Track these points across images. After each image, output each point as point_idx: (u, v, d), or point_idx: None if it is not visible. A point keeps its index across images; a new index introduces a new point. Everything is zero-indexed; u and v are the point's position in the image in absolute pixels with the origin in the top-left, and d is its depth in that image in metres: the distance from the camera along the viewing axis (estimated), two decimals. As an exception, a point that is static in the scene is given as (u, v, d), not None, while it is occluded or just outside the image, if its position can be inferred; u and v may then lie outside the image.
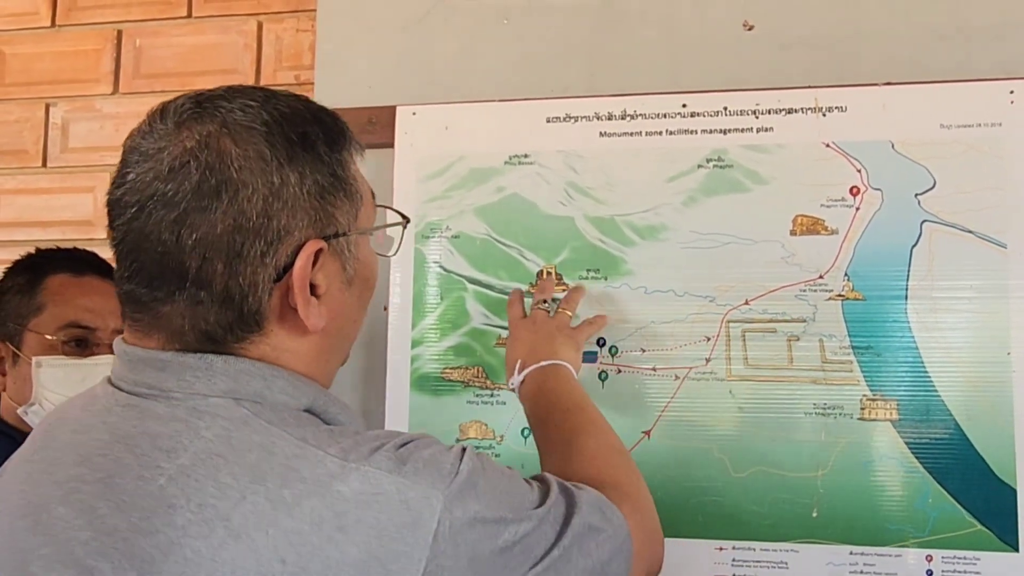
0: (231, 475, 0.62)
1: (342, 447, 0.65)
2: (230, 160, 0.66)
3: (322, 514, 0.61)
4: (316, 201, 0.69)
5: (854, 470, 1.11)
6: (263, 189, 0.66)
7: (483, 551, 0.65)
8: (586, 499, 0.76)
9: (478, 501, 0.66)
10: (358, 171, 0.75)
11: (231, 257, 0.65)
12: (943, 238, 1.12)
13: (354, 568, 0.60)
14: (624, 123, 1.21)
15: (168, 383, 0.67)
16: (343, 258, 0.72)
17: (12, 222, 1.51)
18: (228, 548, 0.60)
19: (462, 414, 1.21)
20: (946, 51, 1.17)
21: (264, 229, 0.66)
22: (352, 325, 0.77)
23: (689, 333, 1.17)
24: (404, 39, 1.32)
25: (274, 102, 0.70)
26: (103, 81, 1.50)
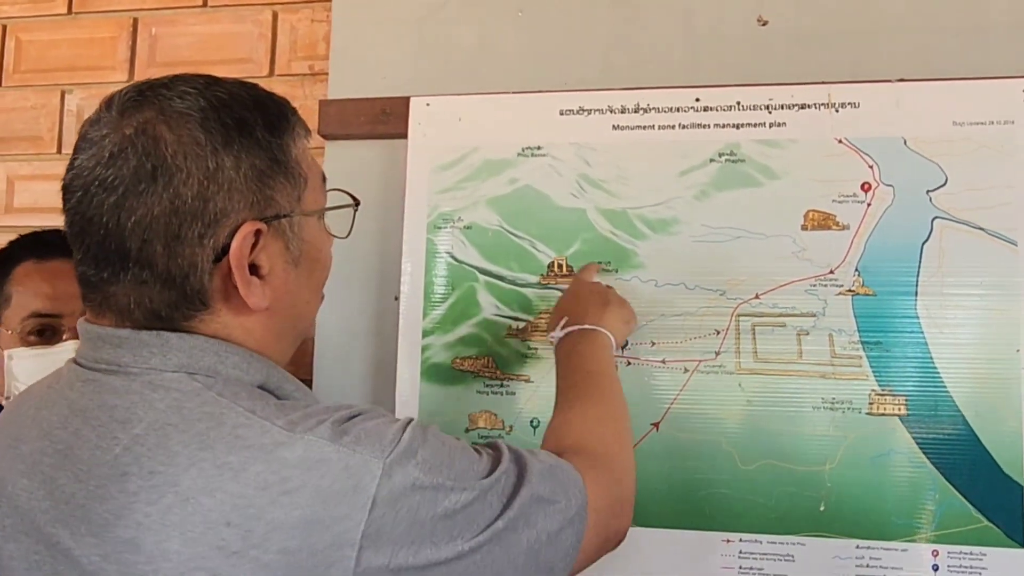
0: (181, 443, 0.65)
1: (289, 419, 0.68)
2: (165, 146, 0.68)
3: (267, 478, 0.64)
4: (254, 184, 0.71)
5: (862, 464, 1.11)
6: (198, 173, 0.69)
7: (423, 516, 0.66)
8: (538, 469, 0.76)
9: (417, 468, 0.67)
10: (304, 154, 0.78)
11: (170, 239, 0.68)
12: (954, 235, 1.12)
13: (297, 529, 0.63)
14: (637, 116, 1.22)
15: (125, 358, 0.70)
16: (286, 239, 0.74)
17: (27, 208, 1.52)
18: (176, 512, 0.63)
19: (472, 404, 1.22)
20: (960, 48, 1.17)
21: (201, 212, 0.69)
22: (304, 305, 0.80)
23: (699, 326, 1.17)
24: (419, 30, 1.32)
25: (214, 89, 0.73)
26: (118, 69, 1.51)
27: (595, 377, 0.99)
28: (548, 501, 0.75)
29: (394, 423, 0.71)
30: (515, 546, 0.72)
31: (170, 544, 0.63)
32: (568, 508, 0.76)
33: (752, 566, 1.13)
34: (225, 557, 0.62)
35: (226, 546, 0.62)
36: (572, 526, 0.77)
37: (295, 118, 0.78)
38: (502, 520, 0.71)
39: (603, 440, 0.90)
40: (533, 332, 1.21)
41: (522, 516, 0.72)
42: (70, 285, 1.12)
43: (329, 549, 0.63)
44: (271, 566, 0.62)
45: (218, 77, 0.75)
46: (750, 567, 1.13)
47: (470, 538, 0.69)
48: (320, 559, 0.63)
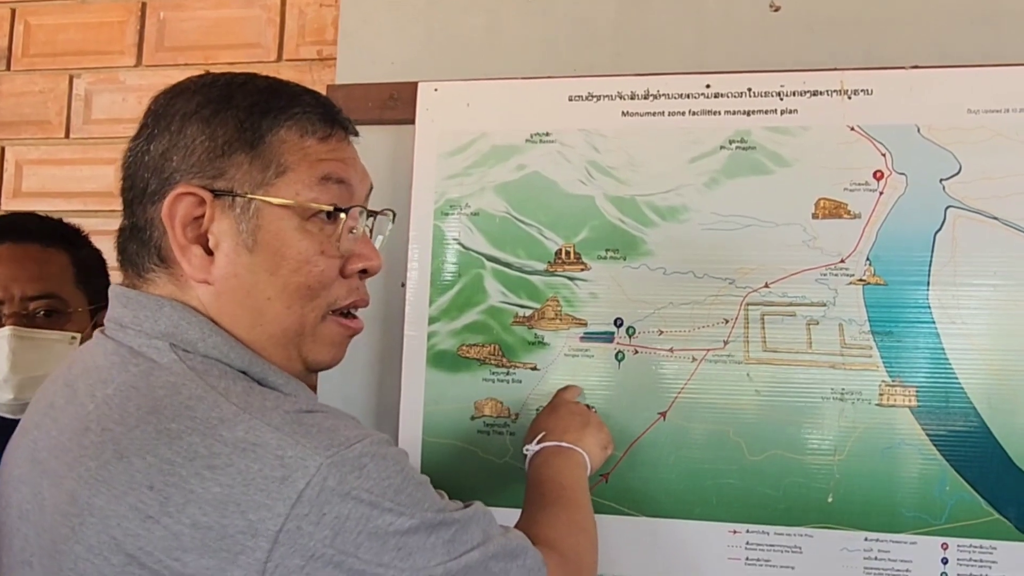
0: (136, 405, 0.67)
1: (247, 400, 0.68)
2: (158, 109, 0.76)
3: (198, 450, 0.64)
4: (211, 155, 0.73)
5: (871, 456, 1.10)
6: (167, 134, 0.74)
7: (350, 528, 0.64)
8: (501, 544, 0.74)
9: (359, 480, 0.65)
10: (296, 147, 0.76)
11: (138, 191, 0.75)
12: (967, 224, 1.11)
13: (211, 506, 0.62)
14: (647, 103, 1.21)
15: (126, 318, 0.74)
16: (236, 218, 0.73)
17: (35, 192, 1.52)
18: (111, 467, 0.64)
19: (478, 391, 1.21)
20: (974, 35, 1.15)
21: (160, 169, 0.73)
22: (265, 301, 0.75)
23: (707, 315, 1.16)
24: (427, 15, 1.31)
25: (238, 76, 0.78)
26: (127, 53, 1.51)
27: (568, 491, 0.97)
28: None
29: (356, 430, 0.69)
30: None
31: (97, 499, 0.64)
32: None
33: (759, 557, 1.12)
34: (141, 520, 0.62)
35: (144, 508, 0.62)
36: None
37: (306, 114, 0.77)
38: (441, 568, 0.69)
39: (574, 545, 0.89)
40: (540, 319, 1.20)
41: None
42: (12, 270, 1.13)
43: (242, 535, 0.62)
44: (180, 537, 0.62)
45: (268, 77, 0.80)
46: (757, 558, 1.12)
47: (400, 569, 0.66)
48: (231, 543, 0.62)
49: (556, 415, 1.09)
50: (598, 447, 1.06)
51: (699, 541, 1.13)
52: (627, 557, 1.14)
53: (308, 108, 0.77)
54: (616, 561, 1.13)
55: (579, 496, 0.98)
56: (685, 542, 1.13)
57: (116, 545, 0.62)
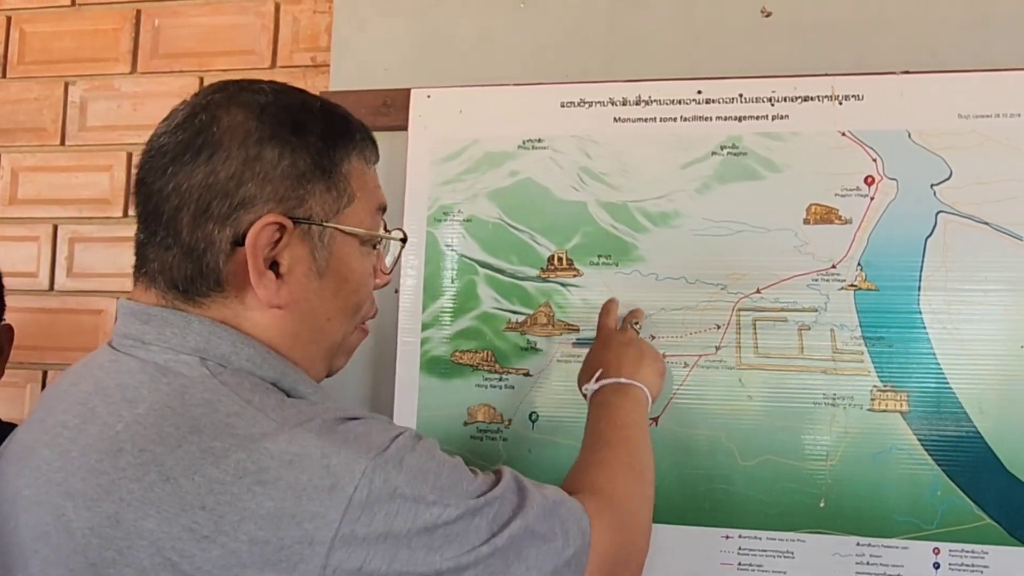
0: (174, 425, 0.66)
1: (284, 414, 0.68)
2: (218, 125, 0.72)
3: (246, 467, 0.64)
4: (290, 181, 0.73)
5: (863, 461, 1.10)
6: (238, 156, 0.71)
7: (400, 525, 0.65)
8: (539, 503, 0.74)
9: (401, 476, 0.67)
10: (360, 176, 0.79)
11: (198, 211, 0.71)
12: (958, 229, 1.11)
13: (266, 520, 0.63)
14: (639, 109, 1.21)
15: (149, 335, 0.72)
16: (312, 245, 0.75)
17: (31, 200, 1.52)
18: (157, 489, 0.64)
19: (471, 397, 1.21)
20: (965, 40, 1.16)
21: (231, 192, 0.71)
22: (326, 322, 0.78)
23: (700, 321, 1.16)
24: (420, 22, 1.32)
25: (290, 94, 0.77)
26: (122, 60, 1.51)
27: (626, 430, 0.97)
28: (543, 538, 0.73)
29: (388, 430, 0.70)
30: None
31: (146, 522, 0.63)
32: (565, 548, 0.74)
33: (752, 562, 1.12)
34: (196, 540, 0.62)
35: (198, 529, 0.63)
36: (568, 568, 0.74)
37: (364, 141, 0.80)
38: (487, 546, 0.69)
39: (624, 489, 0.88)
40: (532, 325, 1.21)
41: (512, 547, 0.71)
42: None
43: (298, 545, 0.63)
44: (239, 554, 0.62)
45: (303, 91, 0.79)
46: (750, 563, 1.12)
47: (451, 557, 0.67)
48: (288, 553, 0.62)
49: (609, 349, 1.08)
50: (656, 376, 1.06)
51: (691, 546, 1.13)
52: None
53: (366, 137, 0.80)
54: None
55: (634, 434, 0.97)
56: (677, 547, 1.13)
57: (172, 566, 0.62)
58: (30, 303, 1.51)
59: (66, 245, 1.51)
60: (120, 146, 1.49)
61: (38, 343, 1.50)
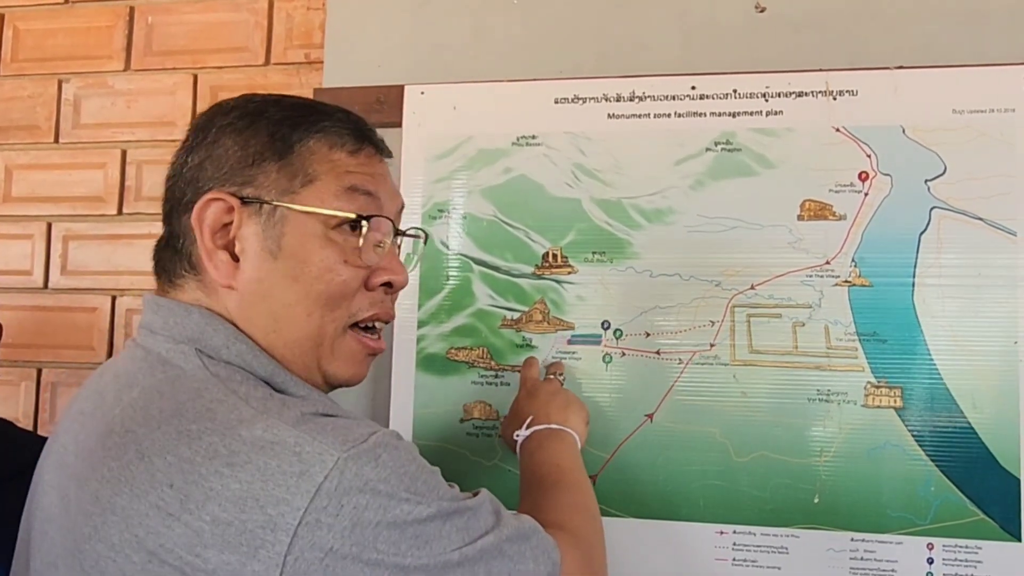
0: (159, 408, 0.68)
1: (266, 404, 0.69)
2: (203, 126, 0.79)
3: (217, 449, 0.65)
4: (239, 163, 0.76)
5: (857, 457, 1.10)
6: (202, 148, 0.78)
7: (368, 519, 0.65)
8: (514, 526, 0.75)
9: (375, 471, 0.66)
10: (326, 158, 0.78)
11: (175, 203, 0.78)
12: (952, 225, 1.11)
13: (231, 502, 0.63)
14: (632, 105, 1.21)
15: (157, 323, 0.77)
16: (263, 224, 0.76)
17: (25, 197, 1.52)
18: (132, 467, 0.66)
19: (467, 394, 1.22)
20: (959, 35, 1.16)
21: (195, 179, 0.77)
22: (283, 308, 0.76)
23: (694, 317, 1.16)
24: (414, 18, 1.31)
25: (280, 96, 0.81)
26: (115, 58, 1.51)
27: (569, 473, 0.98)
28: (512, 559, 0.73)
29: (368, 427, 0.70)
30: None
31: (119, 499, 0.65)
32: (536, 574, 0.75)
33: (746, 558, 1.12)
34: (162, 518, 0.63)
35: (164, 506, 0.63)
36: None
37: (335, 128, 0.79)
38: (458, 554, 0.69)
39: (582, 527, 0.90)
40: (527, 322, 1.21)
41: (482, 560, 0.71)
42: None
43: (261, 530, 0.63)
44: (201, 533, 0.63)
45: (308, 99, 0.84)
46: (744, 559, 1.12)
47: (420, 556, 0.67)
48: (251, 538, 0.63)
49: (536, 398, 1.09)
50: (583, 423, 1.08)
51: (686, 542, 1.13)
52: (615, 558, 1.14)
53: (339, 123, 0.80)
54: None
55: (579, 477, 0.98)
56: (672, 543, 1.14)
57: (138, 543, 0.63)
58: (24, 301, 1.51)
59: (60, 243, 1.50)
60: (114, 144, 1.49)
61: (32, 341, 1.50)
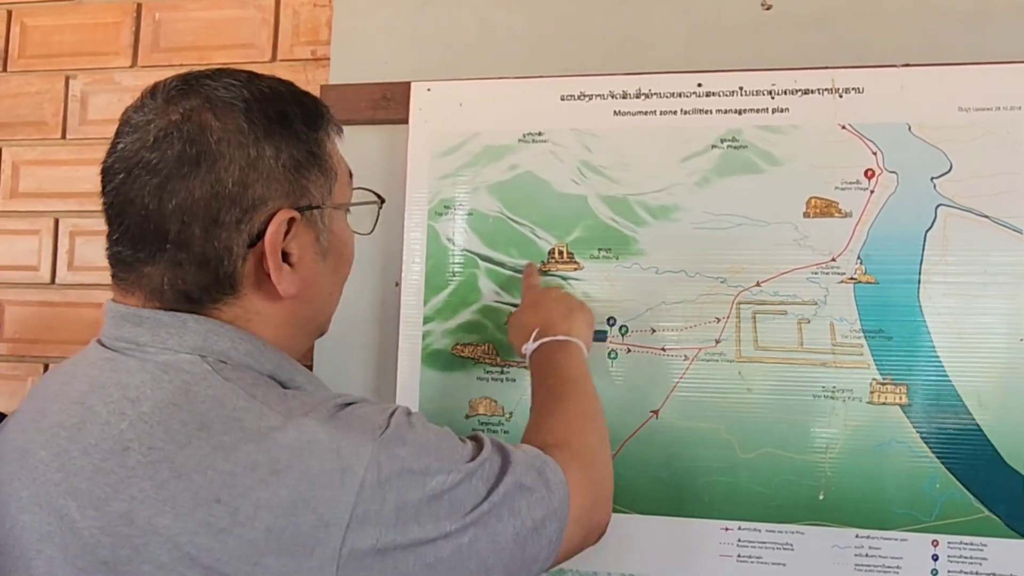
0: (181, 422, 0.67)
1: (288, 406, 0.70)
2: (210, 132, 0.71)
3: (257, 458, 0.65)
4: (291, 174, 0.74)
5: (862, 453, 1.10)
6: (240, 160, 0.71)
7: (410, 499, 0.68)
8: (521, 459, 0.78)
9: (406, 450, 0.70)
10: (335, 150, 0.82)
11: (208, 222, 0.71)
12: (958, 222, 1.11)
13: (282, 508, 0.64)
14: (639, 102, 1.21)
15: (143, 337, 0.72)
16: (317, 230, 0.78)
17: (32, 193, 1.53)
18: (170, 487, 0.64)
19: (472, 390, 1.22)
20: (966, 33, 1.16)
21: (240, 197, 0.71)
22: (327, 298, 0.83)
23: (700, 314, 1.16)
24: (420, 15, 1.32)
25: (257, 83, 0.77)
26: (122, 54, 1.51)
27: (573, 382, 1.00)
28: (531, 490, 0.76)
29: (383, 410, 0.74)
30: (501, 534, 0.73)
31: (161, 519, 0.64)
32: (551, 499, 0.78)
33: (751, 554, 1.12)
34: (213, 534, 0.63)
35: (214, 523, 0.63)
36: (555, 516, 0.78)
37: (329, 116, 0.81)
38: (487, 503, 0.73)
39: (584, 437, 0.92)
40: (533, 319, 1.21)
41: (506, 503, 0.74)
42: None
43: (314, 529, 0.64)
44: (256, 543, 0.63)
45: (257, 73, 0.79)
46: (749, 555, 1.12)
47: (457, 519, 0.71)
48: (306, 539, 0.64)
49: (540, 308, 1.10)
50: (587, 327, 1.10)
51: (691, 538, 1.13)
52: (619, 554, 1.14)
53: (327, 111, 0.82)
54: (608, 558, 1.14)
55: (584, 385, 1.00)
56: (677, 539, 1.14)
57: (191, 560, 0.63)
58: (31, 296, 1.51)
59: (67, 239, 1.51)
60: (121, 140, 1.49)
61: (39, 336, 1.50)
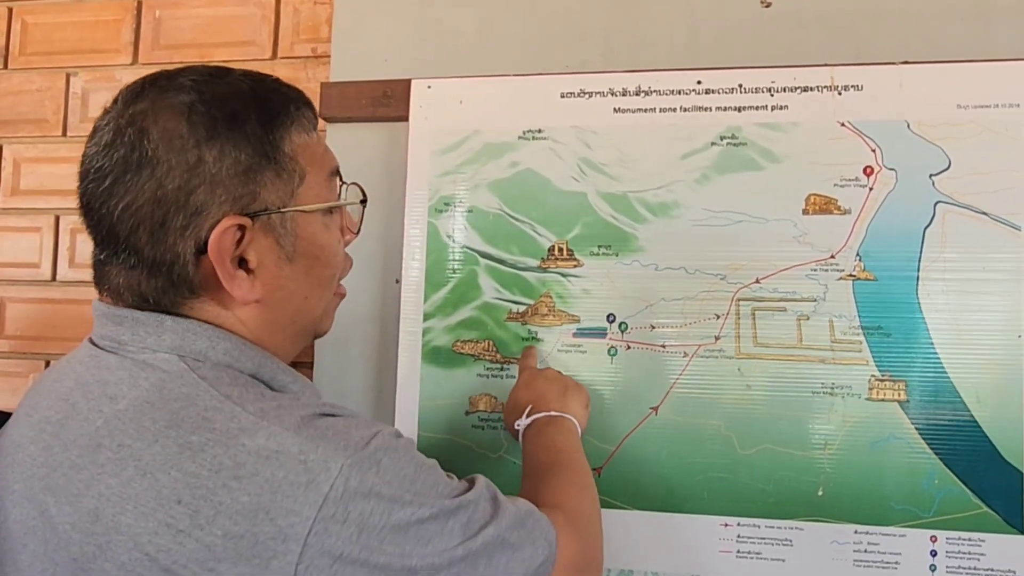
0: (151, 419, 0.67)
1: (262, 407, 0.69)
2: (148, 137, 0.70)
3: (223, 462, 0.64)
4: (238, 179, 0.71)
5: (861, 450, 1.11)
6: (179, 166, 0.69)
7: (374, 524, 0.66)
8: (511, 513, 0.76)
9: (377, 475, 0.67)
10: (305, 149, 0.77)
11: (154, 227, 0.70)
12: (957, 219, 1.11)
13: (241, 515, 0.63)
14: (639, 99, 1.21)
15: (124, 336, 0.73)
16: (276, 234, 0.74)
17: (33, 190, 1.53)
18: (135, 484, 0.65)
19: (472, 387, 1.22)
20: (964, 30, 1.16)
21: (183, 204, 0.70)
22: (303, 301, 0.79)
23: (699, 311, 1.17)
24: (421, 13, 1.32)
25: (214, 82, 0.74)
26: (123, 51, 1.51)
27: (566, 454, 0.99)
28: (513, 547, 0.75)
29: (367, 427, 0.71)
30: None
31: (124, 517, 0.64)
32: (533, 558, 0.77)
33: (750, 550, 1.13)
34: (173, 535, 0.63)
35: (174, 523, 0.63)
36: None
37: (300, 111, 0.77)
38: (461, 548, 0.71)
39: (578, 504, 0.91)
40: (533, 316, 1.21)
41: (484, 553, 0.72)
42: None
43: (272, 541, 0.63)
44: (214, 548, 0.63)
45: (227, 68, 0.76)
46: (748, 551, 1.13)
47: (424, 555, 0.68)
48: (263, 549, 0.63)
49: (534, 387, 1.10)
50: (582, 407, 1.09)
51: (690, 534, 1.14)
52: (619, 550, 1.15)
53: (299, 105, 0.78)
54: (608, 554, 1.14)
55: (575, 457, 1.00)
56: (676, 535, 1.14)
57: (150, 561, 0.63)
58: (32, 294, 1.52)
59: (68, 236, 1.51)
60: (122, 137, 1.49)
61: (41, 333, 1.51)
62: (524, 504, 0.80)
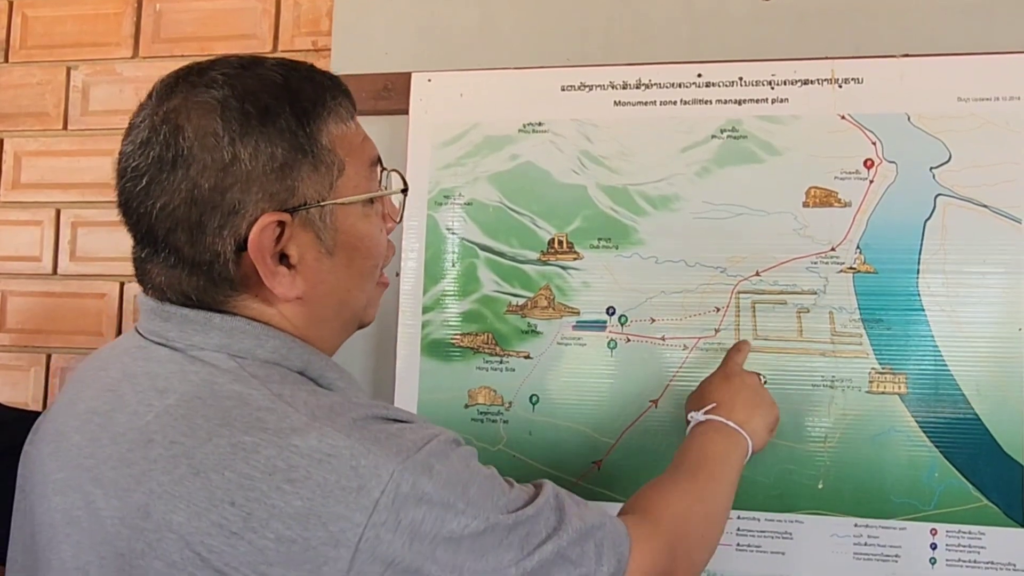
0: (204, 417, 0.66)
1: (314, 408, 0.67)
2: (182, 136, 0.68)
3: (276, 464, 0.63)
4: (274, 175, 0.70)
5: (861, 443, 1.11)
6: (214, 165, 0.68)
7: (426, 532, 0.64)
8: (576, 526, 0.73)
9: (430, 482, 0.65)
10: (343, 140, 0.75)
11: (192, 227, 0.69)
12: (957, 212, 1.11)
13: (294, 519, 0.62)
14: (639, 92, 1.21)
15: (171, 333, 0.72)
16: (316, 228, 0.72)
17: (34, 184, 1.53)
18: (187, 483, 0.64)
19: (472, 380, 1.22)
20: (965, 23, 1.16)
21: (219, 203, 0.68)
22: (346, 293, 0.77)
23: (699, 303, 1.17)
24: (421, 6, 1.32)
25: (246, 75, 0.71)
26: (123, 45, 1.51)
27: (714, 465, 0.94)
28: (573, 563, 0.71)
29: (422, 431, 0.69)
30: None
31: (176, 515, 0.63)
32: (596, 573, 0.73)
33: (750, 543, 1.13)
34: (225, 536, 0.62)
35: (227, 525, 0.62)
36: None
37: (336, 101, 0.75)
38: (515, 568, 0.68)
39: (683, 517, 0.87)
40: (533, 308, 1.21)
41: (540, 570, 0.69)
42: None
43: (324, 546, 0.62)
44: (266, 552, 0.62)
45: (260, 59, 0.74)
46: (748, 544, 1.13)
47: (475, 571, 0.66)
48: (315, 555, 0.62)
49: (729, 387, 1.04)
50: (765, 430, 1.02)
51: (690, 527, 1.14)
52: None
53: (336, 93, 0.76)
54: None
55: (721, 472, 0.94)
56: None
57: (202, 561, 0.62)
58: (33, 287, 1.52)
59: (69, 229, 1.51)
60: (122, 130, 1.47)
61: (42, 327, 1.51)
62: (596, 514, 0.76)
